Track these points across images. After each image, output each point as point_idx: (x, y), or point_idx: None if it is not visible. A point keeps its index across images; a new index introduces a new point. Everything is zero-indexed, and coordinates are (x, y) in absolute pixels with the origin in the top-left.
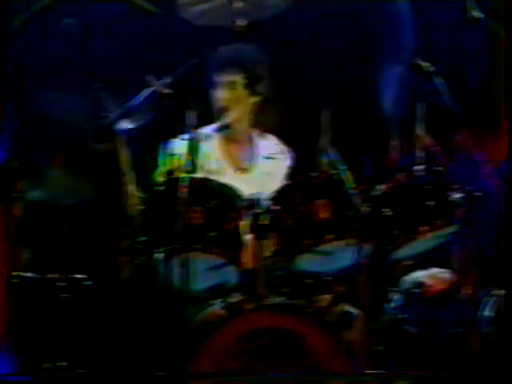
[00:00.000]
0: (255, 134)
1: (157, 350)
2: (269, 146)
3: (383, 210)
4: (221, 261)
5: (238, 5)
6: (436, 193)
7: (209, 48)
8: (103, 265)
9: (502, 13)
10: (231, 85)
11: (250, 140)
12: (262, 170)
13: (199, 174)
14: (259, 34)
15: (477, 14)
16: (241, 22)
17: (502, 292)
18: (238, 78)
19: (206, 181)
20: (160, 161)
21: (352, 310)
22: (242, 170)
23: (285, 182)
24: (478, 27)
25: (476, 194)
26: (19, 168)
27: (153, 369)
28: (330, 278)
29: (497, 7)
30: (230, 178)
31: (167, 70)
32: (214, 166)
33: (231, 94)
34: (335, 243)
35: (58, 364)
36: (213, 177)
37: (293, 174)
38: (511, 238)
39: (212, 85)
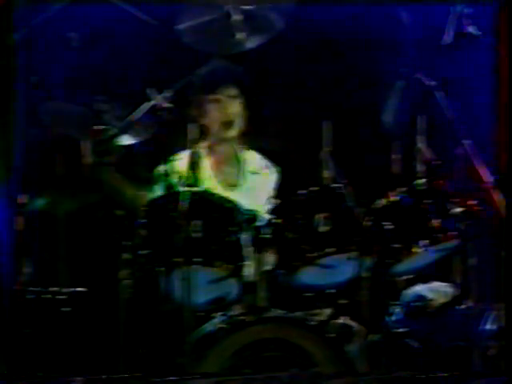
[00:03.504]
0: (241, 149)
1: (157, 362)
2: (254, 161)
3: (384, 223)
4: (222, 274)
5: (238, 17)
6: (437, 206)
7: (209, 61)
8: (104, 278)
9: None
10: (231, 99)
11: (237, 156)
12: (250, 185)
13: (200, 188)
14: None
15: (474, 30)
16: (240, 35)
17: (503, 305)
18: (236, 93)
19: (206, 194)
20: (161, 174)
21: (352, 323)
22: (232, 186)
23: (273, 197)
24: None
25: (476, 207)
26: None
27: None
28: (331, 292)
29: (495, 23)
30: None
31: (168, 84)
32: (204, 182)
33: (231, 108)
34: (336, 256)
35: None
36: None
37: (293, 188)
38: (511, 251)
39: (208, 100)
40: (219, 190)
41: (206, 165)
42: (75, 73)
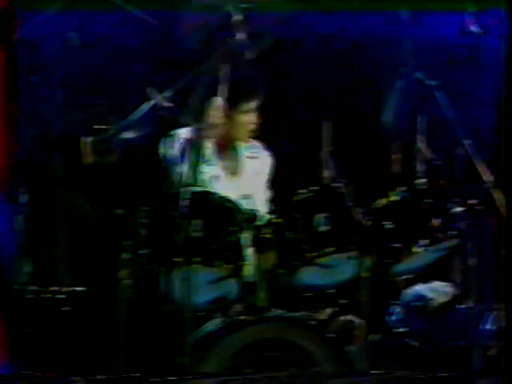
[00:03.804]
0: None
1: (156, 363)
2: (250, 146)
3: (384, 223)
4: (222, 274)
5: (238, 18)
6: (437, 206)
7: (208, 61)
8: (104, 278)
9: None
10: (255, 110)
11: (235, 145)
12: (249, 170)
13: (200, 188)
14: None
15: (476, 28)
16: (241, 36)
17: (503, 305)
18: (257, 103)
19: (206, 194)
20: (161, 174)
21: (353, 322)
22: (233, 174)
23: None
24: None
25: (477, 207)
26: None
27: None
28: (331, 291)
29: (497, 22)
30: (223, 183)
31: (168, 84)
32: (207, 172)
33: (255, 118)
34: (336, 256)
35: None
36: (208, 184)
37: (294, 186)
38: (511, 251)
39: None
40: (223, 178)
41: (210, 156)
42: (75, 73)
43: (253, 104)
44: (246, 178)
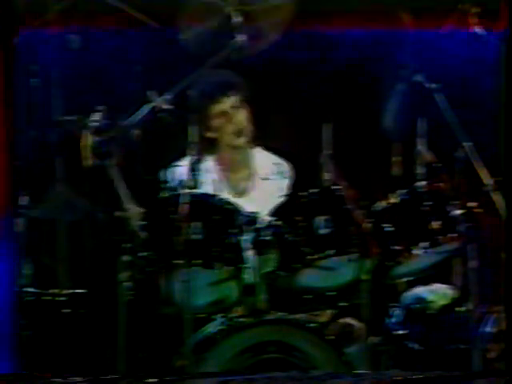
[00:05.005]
0: (251, 151)
1: (156, 364)
2: (265, 165)
3: (384, 225)
4: (222, 276)
5: (238, 19)
6: (437, 209)
7: (209, 64)
8: (104, 280)
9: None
10: (236, 109)
11: (247, 163)
12: (260, 191)
13: (200, 190)
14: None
15: (479, 30)
16: (240, 37)
17: (503, 308)
18: (240, 102)
19: (206, 196)
20: (161, 176)
21: (353, 324)
22: (240, 193)
23: (284, 200)
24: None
25: (476, 210)
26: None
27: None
28: (331, 293)
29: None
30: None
31: (168, 86)
32: (212, 188)
33: (238, 117)
34: (336, 258)
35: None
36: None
37: (294, 189)
38: (511, 254)
39: (214, 113)
40: (229, 197)
41: (214, 172)
42: (75, 74)
43: (233, 102)
44: (254, 198)
